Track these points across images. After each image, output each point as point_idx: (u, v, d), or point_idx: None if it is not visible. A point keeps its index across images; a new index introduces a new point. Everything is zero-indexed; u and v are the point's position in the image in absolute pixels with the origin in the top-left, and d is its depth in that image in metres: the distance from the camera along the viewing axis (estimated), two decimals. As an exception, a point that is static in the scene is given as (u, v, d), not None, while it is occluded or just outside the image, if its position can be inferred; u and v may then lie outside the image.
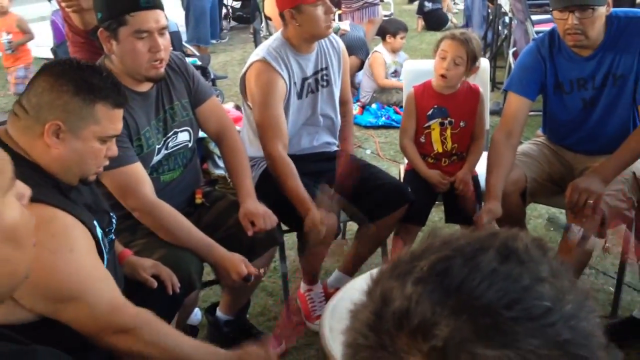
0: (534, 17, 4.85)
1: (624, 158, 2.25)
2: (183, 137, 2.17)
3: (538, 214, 3.41)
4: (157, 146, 2.08)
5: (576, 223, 2.17)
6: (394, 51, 5.47)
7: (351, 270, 2.65)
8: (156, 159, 2.09)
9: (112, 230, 1.70)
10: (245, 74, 2.46)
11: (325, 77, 2.58)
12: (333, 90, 2.61)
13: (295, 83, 2.47)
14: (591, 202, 2.12)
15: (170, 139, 2.13)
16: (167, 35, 1.98)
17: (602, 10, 2.22)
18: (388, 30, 5.48)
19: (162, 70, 2.00)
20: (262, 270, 2.09)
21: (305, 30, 2.40)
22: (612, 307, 2.57)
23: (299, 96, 2.51)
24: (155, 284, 1.82)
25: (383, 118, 5.10)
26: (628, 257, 2.19)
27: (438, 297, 0.53)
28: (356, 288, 1.80)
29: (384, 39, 5.47)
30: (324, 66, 2.56)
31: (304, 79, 2.51)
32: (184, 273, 1.90)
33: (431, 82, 2.61)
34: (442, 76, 2.51)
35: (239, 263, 1.96)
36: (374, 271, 0.61)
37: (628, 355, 2.27)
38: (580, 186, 2.17)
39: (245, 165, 2.26)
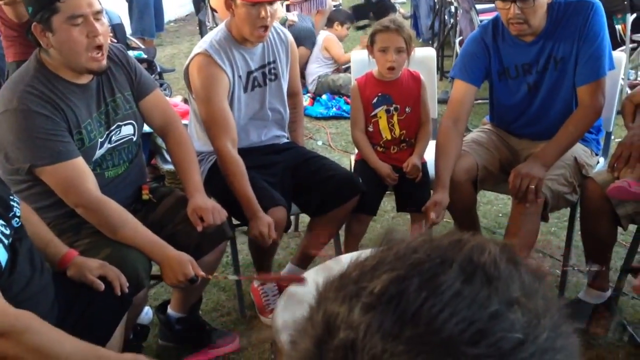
0: (479, 6, 4.93)
1: (562, 142, 2.31)
2: (127, 130, 2.11)
3: (487, 200, 3.47)
4: (100, 140, 2.02)
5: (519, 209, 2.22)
6: (340, 39, 5.53)
7: (304, 262, 2.64)
8: (99, 153, 2.02)
9: (14, 217, 1.57)
10: (188, 67, 2.41)
11: (273, 71, 2.54)
12: (281, 84, 2.58)
13: (240, 77, 2.43)
14: (533, 186, 2.17)
15: (113, 133, 2.07)
16: (104, 21, 1.91)
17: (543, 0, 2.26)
18: (337, 18, 5.55)
19: (104, 62, 1.93)
20: (209, 275, 2.05)
21: (238, 25, 2.37)
22: (559, 290, 2.64)
23: (245, 90, 2.47)
24: (102, 286, 1.77)
25: (334, 109, 5.10)
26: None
27: (390, 329, 0.45)
28: (308, 281, 1.79)
29: (331, 25, 5.54)
30: (271, 60, 2.53)
31: (249, 73, 2.47)
32: (131, 272, 1.85)
33: (372, 72, 2.62)
34: (391, 68, 2.51)
35: (186, 264, 1.92)
36: (324, 267, 0.55)
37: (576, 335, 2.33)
38: (522, 171, 2.21)
39: (192, 159, 2.21)
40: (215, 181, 2.38)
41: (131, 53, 4.94)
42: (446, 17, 6.18)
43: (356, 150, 2.75)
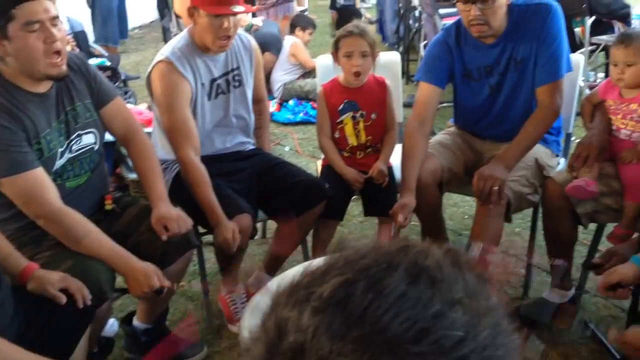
0: (442, 11, 5.00)
1: (523, 143, 2.35)
2: (88, 139, 2.08)
3: (453, 203, 3.51)
4: (60, 149, 1.98)
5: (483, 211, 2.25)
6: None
7: (272, 269, 2.63)
8: (59, 163, 1.99)
9: None
10: (150, 74, 2.39)
11: (236, 78, 2.53)
12: (245, 91, 2.57)
13: (203, 84, 2.42)
14: (496, 188, 2.20)
15: (74, 142, 2.03)
16: (62, 27, 1.88)
17: (502, 1, 2.31)
18: (299, 23, 5.59)
19: (64, 67, 1.91)
20: (174, 285, 2.03)
21: (200, 34, 2.36)
22: (523, 289, 2.68)
23: (209, 97, 2.46)
24: (64, 299, 1.73)
25: (301, 114, 5.10)
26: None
27: (337, 330, 0.47)
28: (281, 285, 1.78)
29: (292, 31, 5.59)
30: (234, 66, 2.52)
31: (213, 80, 2.45)
32: (94, 283, 1.82)
33: (338, 78, 2.63)
34: (357, 73, 2.52)
35: (151, 275, 1.89)
36: (292, 274, 0.56)
37: (540, 333, 2.37)
38: (485, 173, 2.24)
39: (155, 168, 2.19)
40: (180, 190, 2.35)
41: (94, 61, 4.92)
42: (411, 21, 6.25)
43: (323, 156, 2.75)
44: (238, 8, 2.30)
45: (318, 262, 0.55)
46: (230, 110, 2.54)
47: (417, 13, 6.09)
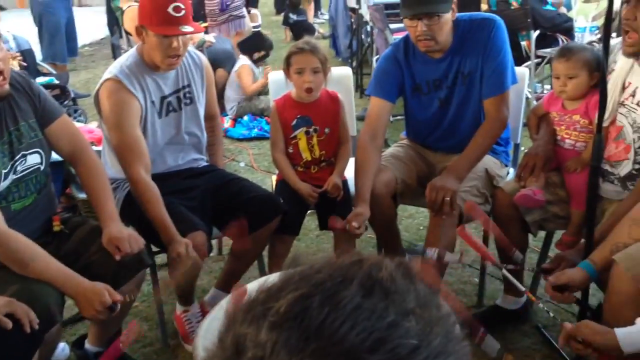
0: (393, 26, 5.08)
1: (473, 154, 2.40)
2: (33, 159, 2.02)
3: (409, 214, 3.55)
4: (4, 171, 1.93)
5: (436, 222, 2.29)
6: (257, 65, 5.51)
7: (228, 286, 2.60)
8: (4, 184, 1.93)
9: None
10: (98, 92, 2.35)
11: (188, 95, 2.51)
12: (197, 108, 2.55)
13: (153, 102, 2.39)
14: (448, 199, 2.24)
15: (18, 163, 1.98)
16: (3, 46, 1.85)
17: (448, 16, 2.36)
18: (253, 47, 5.48)
19: (6, 87, 1.86)
20: (127, 297, 1.99)
21: (148, 52, 2.34)
22: (477, 297, 2.72)
23: (160, 115, 2.43)
24: (9, 324, 1.68)
25: (255, 129, 5.10)
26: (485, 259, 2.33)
27: (296, 344, 0.47)
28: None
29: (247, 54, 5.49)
30: (185, 84, 2.50)
31: (163, 98, 2.43)
32: (42, 307, 1.77)
33: (291, 94, 2.64)
34: (308, 90, 2.54)
35: (101, 292, 1.85)
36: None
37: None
38: (437, 185, 2.28)
39: (104, 187, 2.15)
40: (132, 208, 2.31)
41: (42, 79, 4.81)
42: (363, 36, 6.33)
43: (278, 171, 2.75)
44: (187, 28, 2.28)
45: (274, 278, 0.56)
46: (182, 128, 2.52)
47: (369, 28, 6.18)
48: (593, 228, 1.97)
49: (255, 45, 5.54)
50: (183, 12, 2.26)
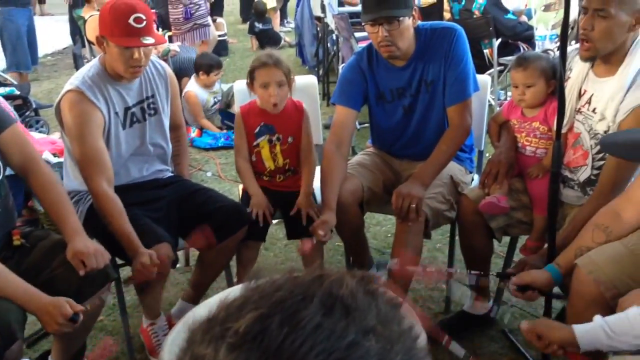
0: (358, 34, 5.12)
1: (437, 162, 2.43)
2: None
3: (376, 222, 3.57)
4: None
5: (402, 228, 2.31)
6: (208, 86, 5.29)
7: (195, 298, 2.58)
8: (-42, 200, 1.88)
9: None
10: (59, 103, 2.31)
11: (152, 106, 2.49)
12: (162, 118, 2.53)
13: (117, 113, 2.36)
14: (414, 205, 2.26)
15: None
16: None
17: (408, 22, 2.38)
18: (201, 67, 5.20)
19: None
20: (89, 306, 1.94)
21: (110, 63, 2.31)
22: (445, 303, 2.75)
23: (124, 126, 2.40)
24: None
25: (222, 139, 5.07)
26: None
27: None
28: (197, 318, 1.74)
29: (197, 74, 5.23)
30: (149, 94, 2.47)
31: (127, 109, 2.40)
32: (2, 324, 1.73)
33: (256, 101, 2.63)
34: (275, 104, 2.53)
35: (62, 304, 1.80)
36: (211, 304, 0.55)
37: (461, 345, 2.43)
38: (403, 192, 2.30)
39: (63, 199, 2.09)
40: (95, 221, 2.27)
41: (1, 90, 4.70)
42: (329, 44, 6.36)
43: (244, 179, 2.73)
44: (148, 40, 2.25)
45: (235, 293, 0.56)
46: (147, 139, 2.49)
47: (334, 36, 6.21)
48: (555, 233, 2.01)
49: (201, 66, 5.22)
50: (144, 23, 2.23)
